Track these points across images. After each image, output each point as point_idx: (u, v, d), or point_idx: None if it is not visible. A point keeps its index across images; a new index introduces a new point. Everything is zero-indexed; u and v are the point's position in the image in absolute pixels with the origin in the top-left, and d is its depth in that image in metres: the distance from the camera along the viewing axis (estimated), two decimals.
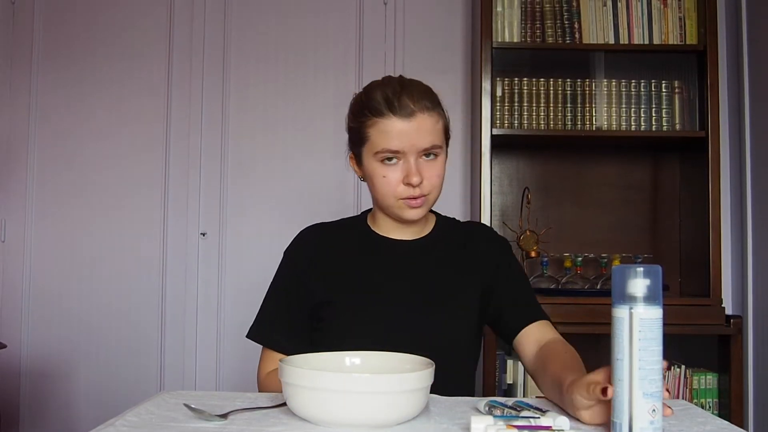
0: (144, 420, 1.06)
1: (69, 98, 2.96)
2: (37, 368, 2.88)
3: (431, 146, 1.35)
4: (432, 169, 1.37)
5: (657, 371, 0.94)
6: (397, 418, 1.03)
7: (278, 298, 1.48)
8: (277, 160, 2.94)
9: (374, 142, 1.35)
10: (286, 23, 2.97)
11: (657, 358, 0.95)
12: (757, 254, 2.57)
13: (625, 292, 1.01)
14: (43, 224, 2.94)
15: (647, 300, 0.98)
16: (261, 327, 1.47)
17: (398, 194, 1.37)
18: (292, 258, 1.50)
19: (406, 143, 1.33)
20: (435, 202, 1.43)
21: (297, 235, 1.53)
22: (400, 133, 1.33)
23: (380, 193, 1.39)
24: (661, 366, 0.95)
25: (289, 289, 1.47)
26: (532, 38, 2.57)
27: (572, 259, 2.63)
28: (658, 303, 0.98)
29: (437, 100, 1.39)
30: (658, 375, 0.94)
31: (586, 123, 2.58)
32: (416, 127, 1.33)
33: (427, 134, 1.34)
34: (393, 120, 1.33)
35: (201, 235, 2.92)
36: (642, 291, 0.98)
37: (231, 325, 2.90)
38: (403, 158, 1.35)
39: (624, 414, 0.94)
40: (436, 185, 1.39)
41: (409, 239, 1.48)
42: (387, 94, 1.34)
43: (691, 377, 2.47)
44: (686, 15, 2.57)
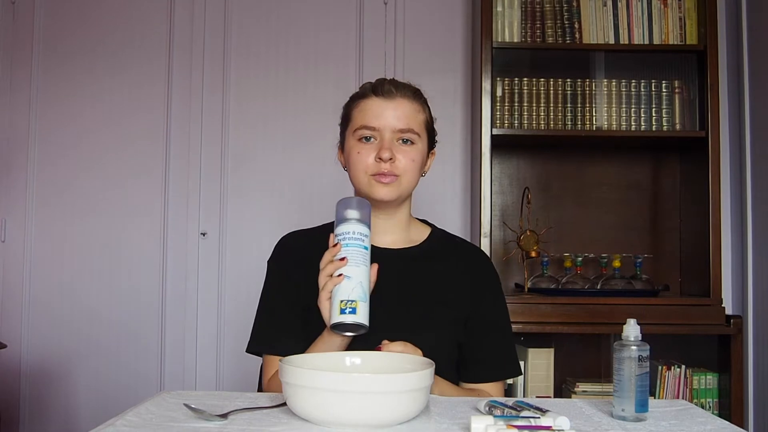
0: (144, 420, 1.06)
1: (69, 97, 2.96)
2: (38, 368, 2.88)
3: (407, 128, 1.41)
4: (407, 153, 1.42)
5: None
6: (398, 418, 1.03)
7: (273, 305, 1.48)
8: (278, 160, 2.94)
9: (355, 120, 1.44)
10: (287, 23, 2.97)
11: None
12: (757, 254, 2.57)
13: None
14: (43, 224, 2.94)
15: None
16: (261, 337, 1.46)
17: (369, 169, 1.41)
18: (279, 264, 1.51)
19: (383, 121, 1.40)
20: (409, 189, 1.45)
21: (278, 243, 1.55)
22: (378, 112, 1.41)
23: (353, 170, 1.44)
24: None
25: (283, 294, 1.47)
26: (532, 38, 2.57)
27: (572, 259, 2.63)
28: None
29: (422, 97, 1.47)
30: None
31: (587, 123, 2.58)
32: (394, 107, 1.41)
33: (404, 117, 1.41)
34: (373, 99, 1.42)
35: (201, 235, 2.92)
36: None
37: (231, 325, 2.90)
38: (378, 136, 1.41)
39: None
40: (408, 169, 1.41)
41: (397, 248, 1.48)
42: (374, 83, 1.45)
43: (692, 377, 2.47)
44: (686, 15, 2.57)
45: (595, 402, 1.24)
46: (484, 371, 1.45)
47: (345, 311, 1.21)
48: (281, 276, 1.49)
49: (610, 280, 2.59)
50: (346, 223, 1.28)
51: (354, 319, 1.21)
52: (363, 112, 1.42)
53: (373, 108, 1.41)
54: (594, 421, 1.12)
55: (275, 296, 1.48)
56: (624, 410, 1.11)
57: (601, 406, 1.21)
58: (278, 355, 1.42)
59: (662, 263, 2.75)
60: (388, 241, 1.48)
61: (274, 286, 1.49)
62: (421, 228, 1.55)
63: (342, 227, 1.28)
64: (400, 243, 1.49)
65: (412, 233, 1.52)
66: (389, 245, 1.48)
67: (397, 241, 1.49)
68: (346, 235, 1.27)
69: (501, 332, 1.50)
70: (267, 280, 1.51)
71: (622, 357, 1.13)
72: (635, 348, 1.12)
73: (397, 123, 1.40)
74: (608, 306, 2.39)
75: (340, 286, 1.24)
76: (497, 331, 1.49)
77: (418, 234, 1.53)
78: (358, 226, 1.27)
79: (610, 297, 2.45)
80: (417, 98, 1.45)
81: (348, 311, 1.21)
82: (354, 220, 1.27)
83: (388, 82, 1.44)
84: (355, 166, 1.43)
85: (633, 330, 1.14)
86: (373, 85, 1.44)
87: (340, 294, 1.23)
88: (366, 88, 1.46)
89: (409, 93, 1.44)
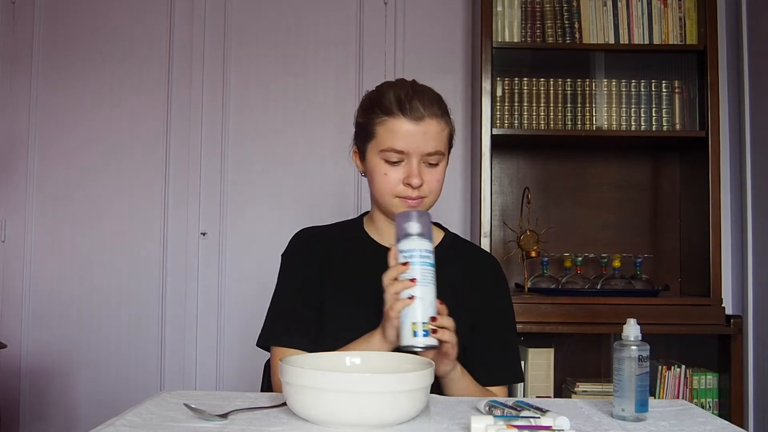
0: (144, 420, 1.06)
1: (69, 98, 2.96)
2: (38, 368, 2.88)
3: (435, 151, 1.38)
4: (432, 174, 1.39)
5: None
6: (397, 418, 1.03)
7: (286, 300, 1.47)
8: (278, 159, 2.94)
9: (381, 139, 1.38)
10: (287, 23, 2.97)
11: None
12: (757, 254, 2.57)
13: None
14: (43, 224, 2.94)
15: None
16: (273, 331, 1.45)
17: (396, 192, 1.39)
18: (294, 258, 1.50)
19: (412, 145, 1.36)
20: (432, 206, 1.45)
21: (293, 238, 1.54)
22: (407, 135, 1.36)
23: (379, 190, 1.41)
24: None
25: (296, 289, 1.46)
26: (532, 38, 2.57)
27: (572, 258, 2.63)
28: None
29: (446, 109, 1.42)
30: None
31: (587, 123, 2.58)
32: (423, 131, 1.36)
33: (433, 140, 1.37)
34: (402, 120, 1.36)
35: (201, 235, 2.92)
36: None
37: (231, 325, 2.90)
38: (406, 159, 1.37)
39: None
40: (434, 190, 1.41)
41: None
42: (399, 95, 1.37)
43: (691, 377, 2.47)
44: (686, 15, 2.57)
45: (595, 402, 1.24)
46: (489, 375, 1.44)
47: (417, 334, 1.19)
48: (295, 271, 1.48)
49: (610, 280, 2.59)
50: (410, 239, 1.23)
51: (427, 342, 1.19)
52: (390, 132, 1.37)
53: (401, 131, 1.36)
54: (594, 421, 1.12)
55: (288, 291, 1.47)
56: (624, 410, 1.11)
57: (601, 406, 1.21)
58: (290, 348, 1.41)
59: (662, 263, 2.75)
60: None
61: (288, 280, 1.49)
62: (434, 232, 1.54)
63: (406, 243, 1.23)
64: None
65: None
66: None
67: None
68: (412, 252, 1.23)
69: (508, 338, 1.50)
70: (281, 274, 1.51)
71: (622, 357, 1.13)
72: (635, 348, 1.12)
73: (425, 147, 1.36)
74: (608, 306, 2.39)
75: (411, 307, 1.20)
76: (504, 336, 1.50)
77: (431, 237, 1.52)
78: (422, 242, 1.23)
79: (610, 297, 2.45)
80: (443, 114, 1.40)
81: (421, 334, 1.18)
82: (417, 235, 1.23)
83: (415, 98, 1.37)
84: (380, 187, 1.40)
85: (633, 330, 1.14)
86: (398, 101, 1.36)
87: (412, 316, 1.20)
88: (391, 102, 1.37)
89: (437, 110, 1.38)
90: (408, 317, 1.21)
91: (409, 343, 1.20)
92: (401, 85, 1.41)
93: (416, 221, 1.24)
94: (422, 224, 1.24)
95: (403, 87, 1.40)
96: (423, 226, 1.24)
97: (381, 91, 1.42)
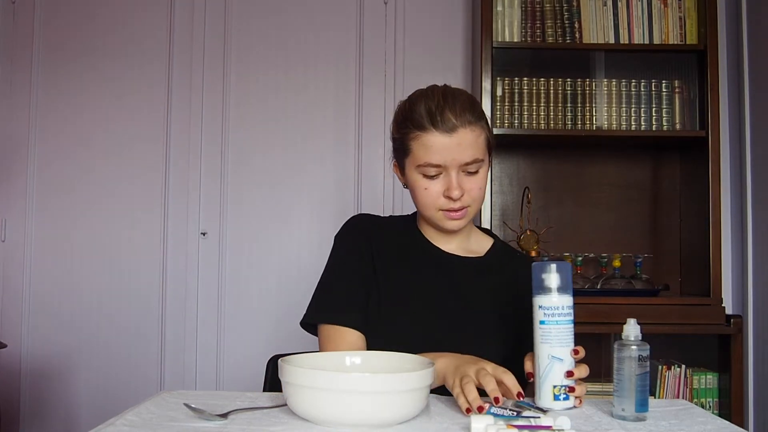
0: (144, 419, 1.06)
1: (69, 97, 2.96)
2: (38, 368, 2.88)
3: (473, 160, 1.35)
4: (473, 182, 1.37)
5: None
6: (398, 418, 1.03)
7: (339, 277, 1.44)
8: (278, 159, 2.94)
9: (416, 155, 1.36)
10: (287, 23, 2.97)
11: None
12: (758, 254, 2.57)
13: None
14: (43, 223, 2.94)
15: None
16: (322, 307, 1.42)
17: (439, 206, 1.38)
18: (351, 238, 1.48)
19: (448, 158, 1.34)
20: (477, 212, 1.44)
21: (350, 220, 1.51)
22: (441, 148, 1.33)
23: (421, 204, 1.41)
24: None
25: (355, 267, 1.44)
26: (532, 38, 2.57)
27: (572, 258, 2.63)
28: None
29: (480, 113, 1.39)
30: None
31: (587, 123, 2.58)
32: (458, 142, 1.33)
33: (469, 148, 1.34)
34: (435, 134, 1.33)
35: (201, 235, 2.92)
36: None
37: (231, 325, 2.90)
38: (444, 171, 1.36)
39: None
40: (477, 198, 1.39)
41: (462, 255, 1.47)
42: (430, 107, 1.35)
43: (692, 377, 2.47)
44: (686, 14, 2.57)
45: (595, 402, 1.24)
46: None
47: (558, 398, 1.16)
48: (352, 250, 1.46)
49: (610, 279, 2.59)
50: (550, 295, 1.17)
51: (565, 405, 1.16)
52: (425, 148, 1.34)
53: (436, 145, 1.33)
54: (594, 420, 1.12)
55: (345, 269, 1.45)
56: (624, 410, 1.11)
57: (601, 406, 1.21)
58: (341, 325, 1.38)
59: (662, 263, 2.75)
60: (452, 248, 1.48)
61: (343, 259, 1.46)
62: (482, 238, 1.54)
63: (546, 299, 1.17)
64: (464, 251, 1.49)
65: (472, 242, 1.51)
66: (454, 252, 1.48)
67: (460, 249, 1.49)
68: (554, 310, 1.17)
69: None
70: (334, 253, 1.48)
71: (622, 357, 1.13)
72: (635, 348, 1.12)
73: (462, 158, 1.34)
74: (608, 306, 2.39)
75: (552, 369, 1.16)
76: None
77: (479, 244, 1.52)
78: (563, 298, 1.17)
79: (610, 297, 2.45)
80: (477, 120, 1.36)
81: (562, 398, 1.16)
82: (558, 290, 1.17)
83: (446, 108, 1.34)
84: (423, 201, 1.40)
85: (633, 330, 1.14)
86: (429, 114, 1.33)
87: (552, 379, 1.16)
88: (422, 116, 1.34)
89: (469, 117, 1.34)
90: (549, 379, 1.16)
91: (548, 406, 1.16)
92: (432, 95, 1.37)
93: (558, 274, 1.17)
94: (563, 277, 1.17)
95: (434, 97, 1.36)
96: (564, 280, 1.17)
97: (412, 104, 1.38)
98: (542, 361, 1.17)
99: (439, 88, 1.41)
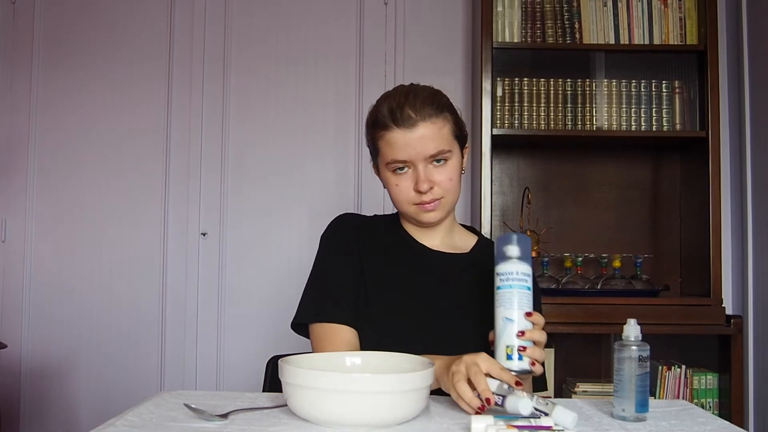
0: (144, 420, 1.06)
1: (69, 98, 2.96)
2: (38, 368, 2.88)
3: (438, 152, 1.37)
4: (442, 173, 1.39)
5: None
6: (398, 418, 1.03)
7: (326, 276, 1.45)
8: (278, 159, 2.94)
9: (384, 153, 1.40)
10: (287, 23, 2.97)
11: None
12: (758, 254, 2.57)
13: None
14: (43, 224, 2.94)
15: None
16: (311, 307, 1.42)
17: (411, 200, 1.40)
18: (338, 237, 1.49)
19: (412, 152, 1.37)
20: (453, 204, 1.45)
21: (335, 219, 1.53)
22: (404, 144, 1.36)
23: (396, 201, 1.43)
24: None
25: (344, 264, 1.45)
26: (532, 38, 2.57)
27: (572, 258, 2.63)
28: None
29: (443, 105, 1.41)
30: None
31: (587, 123, 2.58)
32: (419, 136, 1.36)
33: (431, 141, 1.37)
34: (396, 131, 1.37)
35: (201, 235, 2.92)
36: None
37: (232, 325, 2.90)
38: (412, 166, 1.38)
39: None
40: (449, 189, 1.41)
41: (447, 252, 1.49)
42: (392, 106, 1.38)
43: (692, 377, 2.47)
44: (686, 15, 2.57)
45: (596, 402, 1.24)
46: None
47: (512, 357, 1.17)
48: (339, 249, 1.47)
49: (611, 280, 2.59)
50: (509, 262, 1.21)
51: (521, 366, 1.17)
52: (389, 145, 1.38)
53: (398, 141, 1.36)
54: (594, 421, 1.12)
55: (332, 267, 1.46)
56: (624, 410, 1.11)
57: (602, 406, 1.21)
58: (333, 322, 1.39)
59: (662, 263, 2.75)
60: (435, 245, 1.49)
61: (331, 257, 1.47)
62: (465, 235, 1.55)
63: (504, 266, 1.21)
64: (447, 247, 1.50)
65: (456, 238, 1.52)
66: (438, 248, 1.48)
67: (443, 245, 1.50)
68: (509, 275, 1.20)
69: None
70: (321, 253, 1.49)
71: (623, 357, 1.13)
72: (635, 348, 1.12)
73: (426, 150, 1.36)
74: (608, 306, 2.39)
75: (505, 329, 1.19)
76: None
77: (463, 241, 1.53)
78: (520, 265, 1.21)
79: (610, 297, 2.45)
80: (439, 112, 1.38)
81: (515, 358, 1.17)
82: (516, 258, 1.21)
83: (406, 104, 1.37)
84: (396, 198, 1.42)
85: (633, 330, 1.14)
86: (391, 112, 1.37)
87: (507, 339, 1.18)
88: (384, 115, 1.38)
89: (430, 110, 1.37)
90: (502, 340, 1.19)
91: (503, 365, 1.17)
92: (394, 95, 1.41)
93: (515, 245, 1.22)
94: (521, 248, 1.22)
95: (396, 96, 1.40)
96: (522, 250, 1.22)
97: (377, 106, 1.42)
98: (498, 324, 1.19)
99: (403, 87, 1.44)
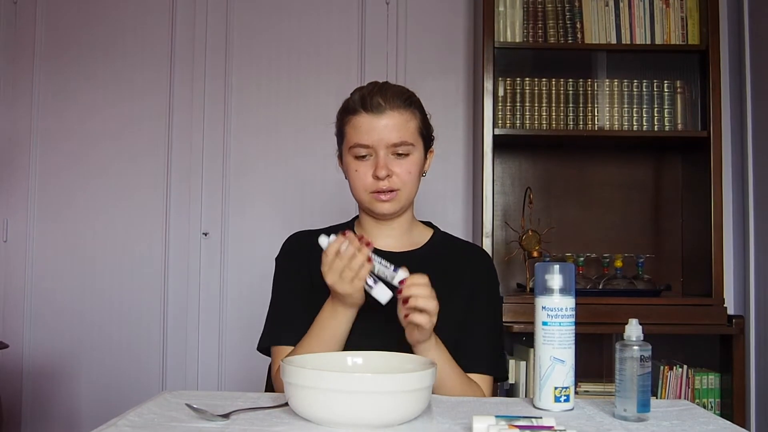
0: (146, 420, 1.06)
1: (71, 98, 2.97)
2: (40, 368, 2.89)
3: (400, 142, 1.40)
4: (402, 165, 1.42)
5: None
6: (399, 418, 1.03)
7: (282, 301, 1.49)
8: (279, 159, 2.94)
9: (348, 137, 1.43)
10: (288, 23, 2.97)
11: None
12: (759, 254, 2.57)
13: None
14: (45, 224, 2.94)
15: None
16: (270, 332, 1.47)
17: (368, 187, 1.42)
18: (286, 262, 1.53)
19: (375, 138, 1.40)
20: (410, 200, 1.47)
21: (285, 241, 1.57)
22: (369, 128, 1.40)
23: (354, 187, 1.46)
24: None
25: (292, 289, 1.48)
26: (534, 38, 2.57)
27: (574, 258, 2.62)
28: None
29: (413, 101, 1.45)
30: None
31: (588, 123, 2.58)
32: (385, 123, 1.40)
33: (396, 130, 1.40)
34: (363, 115, 1.41)
35: (203, 235, 2.93)
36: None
37: (233, 325, 2.90)
38: (374, 153, 1.41)
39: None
40: (407, 182, 1.43)
41: (398, 251, 1.49)
42: (363, 94, 1.43)
43: (693, 377, 2.47)
44: (688, 15, 2.57)
45: (597, 402, 1.24)
46: (465, 361, 1.41)
47: (560, 399, 1.15)
48: (288, 273, 1.51)
49: (612, 280, 2.58)
50: (553, 295, 1.18)
51: (565, 407, 1.16)
52: (355, 129, 1.41)
53: (364, 125, 1.40)
54: (596, 421, 1.12)
55: (284, 292, 1.49)
56: (626, 410, 1.11)
57: (603, 406, 1.21)
58: (285, 345, 1.42)
59: (664, 263, 2.75)
60: (390, 244, 1.49)
61: (282, 283, 1.51)
62: (423, 230, 1.56)
63: (549, 300, 1.18)
64: (402, 246, 1.50)
65: (414, 236, 1.53)
66: (391, 248, 1.48)
67: (398, 244, 1.50)
68: (558, 312, 1.17)
69: (488, 329, 1.48)
70: (275, 277, 1.53)
71: (624, 357, 1.13)
72: (637, 348, 1.12)
73: (389, 138, 1.40)
74: (610, 306, 2.39)
75: (555, 369, 1.16)
76: (485, 326, 1.47)
77: (420, 236, 1.54)
78: (566, 300, 1.17)
79: (612, 297, 2.44)
80: (407, 106, 1.43)
81: (563, 400, 1.16)
82: (559, 290, 1.17)
83: (377, 93, 1.41)
84: (354, 184, 1.45)
85: (635, 330, 1.14)
86: (362, 98, 1.42)
87: (554, 380, 1.16)
88: (355, 101, 1.43)
89: (399, 102, 1.41)
90: (550, 381, 1.16)
91: (548, 407, 1.16)
92: (368, 86, 1.46)
93: (559, 275, 1.17)
94: (565, 279, 1.17)
95: (369, 87, 1.45)
96: (566, 281, 1.17)
97: (350, 96, 1.47)
98: (543, 363, 1.17)
99: (379, 82, 1.48)
